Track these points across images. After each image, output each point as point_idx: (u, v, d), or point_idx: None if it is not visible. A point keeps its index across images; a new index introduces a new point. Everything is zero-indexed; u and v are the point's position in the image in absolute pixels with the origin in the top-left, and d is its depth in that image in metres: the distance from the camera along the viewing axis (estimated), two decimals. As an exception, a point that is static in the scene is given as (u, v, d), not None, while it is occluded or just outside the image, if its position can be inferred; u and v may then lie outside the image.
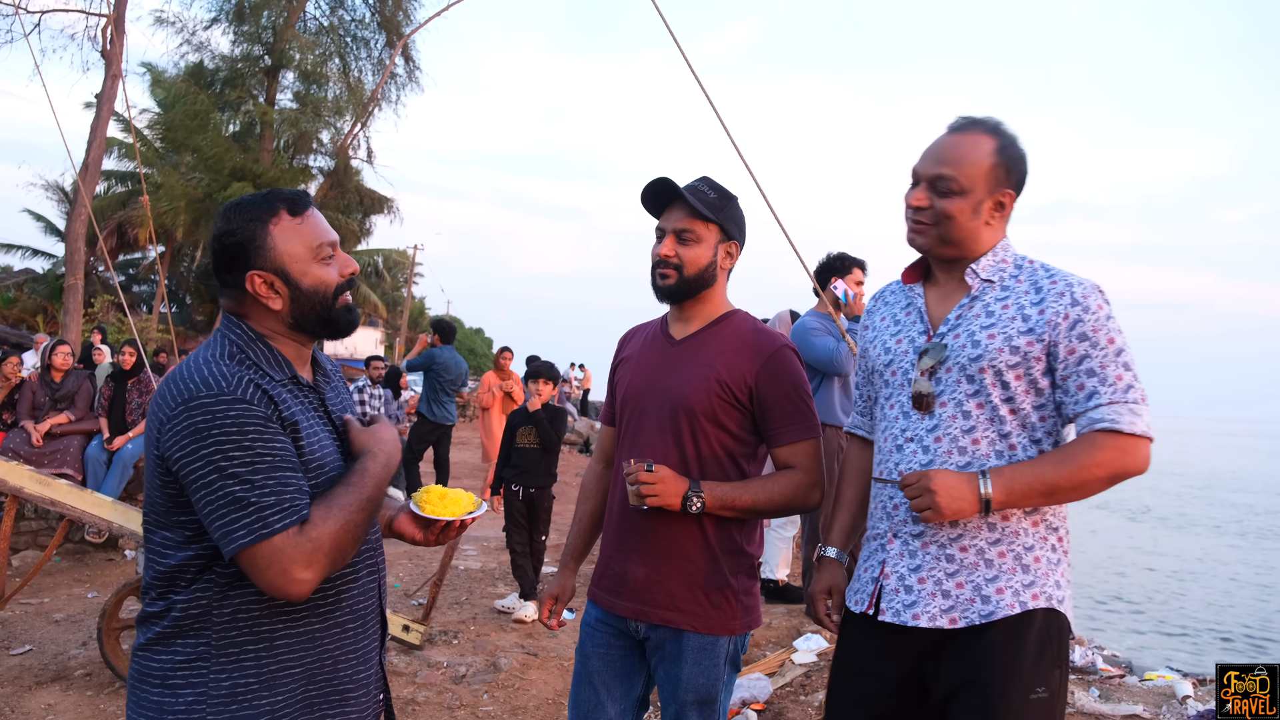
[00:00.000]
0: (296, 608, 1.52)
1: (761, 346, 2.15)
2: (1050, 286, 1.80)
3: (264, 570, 1.37)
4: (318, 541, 1.40)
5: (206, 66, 19.86)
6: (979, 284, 1.87)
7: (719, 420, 2.12)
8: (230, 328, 1.56)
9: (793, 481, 2.12)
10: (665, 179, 2.17)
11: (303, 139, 20.45)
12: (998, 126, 1.85)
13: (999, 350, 1.78)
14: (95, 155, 12.60)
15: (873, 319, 2.09)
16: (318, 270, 1.57)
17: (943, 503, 1.72)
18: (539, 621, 2.38)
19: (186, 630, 1.46)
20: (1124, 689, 4.32)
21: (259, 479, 1.39)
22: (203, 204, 19.46)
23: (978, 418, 1.80)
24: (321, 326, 1.60)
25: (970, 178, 1.80)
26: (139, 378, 7.19)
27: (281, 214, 1.55)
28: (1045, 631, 1.77)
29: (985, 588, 1.78)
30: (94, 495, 4.33)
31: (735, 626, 2.14)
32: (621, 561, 2.18)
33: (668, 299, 2.23)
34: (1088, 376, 1.75)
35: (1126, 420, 1.71)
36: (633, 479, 2.06)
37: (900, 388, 1.92)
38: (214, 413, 1.39)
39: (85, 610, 5.29)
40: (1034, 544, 1.81)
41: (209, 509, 1.38)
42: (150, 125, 22.68)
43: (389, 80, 20.47)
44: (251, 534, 1.37)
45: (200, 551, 1.45)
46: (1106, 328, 1.76)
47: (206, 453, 1.38)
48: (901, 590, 1.84)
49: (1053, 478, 1.72)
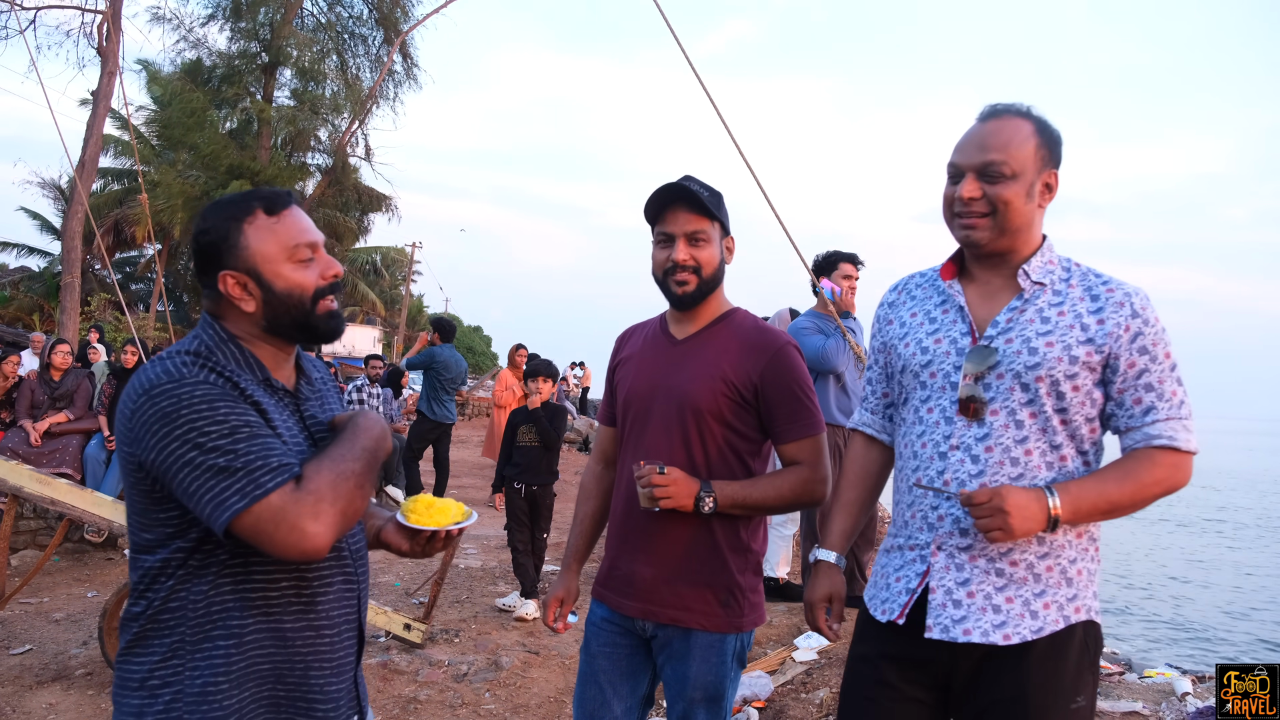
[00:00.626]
0: (270, 603, 1.49)
1: (765, 344, 2.17)
2: (1108, 295, 1.76)
3: (272, 532, 1.34)
4: (317, 493, 1.37)
5: (203, 63, 19.87)
6: (1031, 286, 1.80)
7: (725, 419, 2.14)
8: (204, 328, 1.53)
9: (800, 477, 2.15)
10: (674, 184, 2.15)
11: (300, 136, 20.47)
12: (1030, 110, 1.81)
13: (1058, 360, 1.73)
14: (92, 153, 12.62)
15: (898, 313, 1.99)
16: (292, 272, 1.52)
17: (1015, 524, 1.66)
18: (541, 621, 2.39)
19: (163, 626, 1.45)
20: (1123, 686, 4.35)
21: (241, 447, 1.36)
22: (200, 202, 19.48)
23: (1030, 428, 1.75)
24: (298, 331, 1.56)
25: (1020, 160, 1.75)
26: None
27: (257, 213, 1.51)
28: (1085, 643, 1.77)
29: (1034, 603, 1.75)
30: (93, 494, 4.37)
31: (742, 624, 2.16)
32: (629, 561, 2.20)
33: (688, 305, 2.21)
34: (1145, 391, 1.73)
35: (1183, 438, 1.72)
36: (645, 481, 2.06)
37: (941, 390, 1.83)
38: (178, 395, 1.37)
39: (85, 609, 5.33)
40: (1077, 556, 1.78)
41: (195, 486, 1.35)
42: (147, 123, 22.70)
43: (387, 77, 20.47)
44: (245, 497, 1.33)
45: (180, 547, 1.44)
46: (1164, 341, 1.74)
47: (180, 433, 1.35)
48: (950, 605, 1.77)
49: (1116, 495, 1.71)
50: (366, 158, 21.30)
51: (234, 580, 1.46)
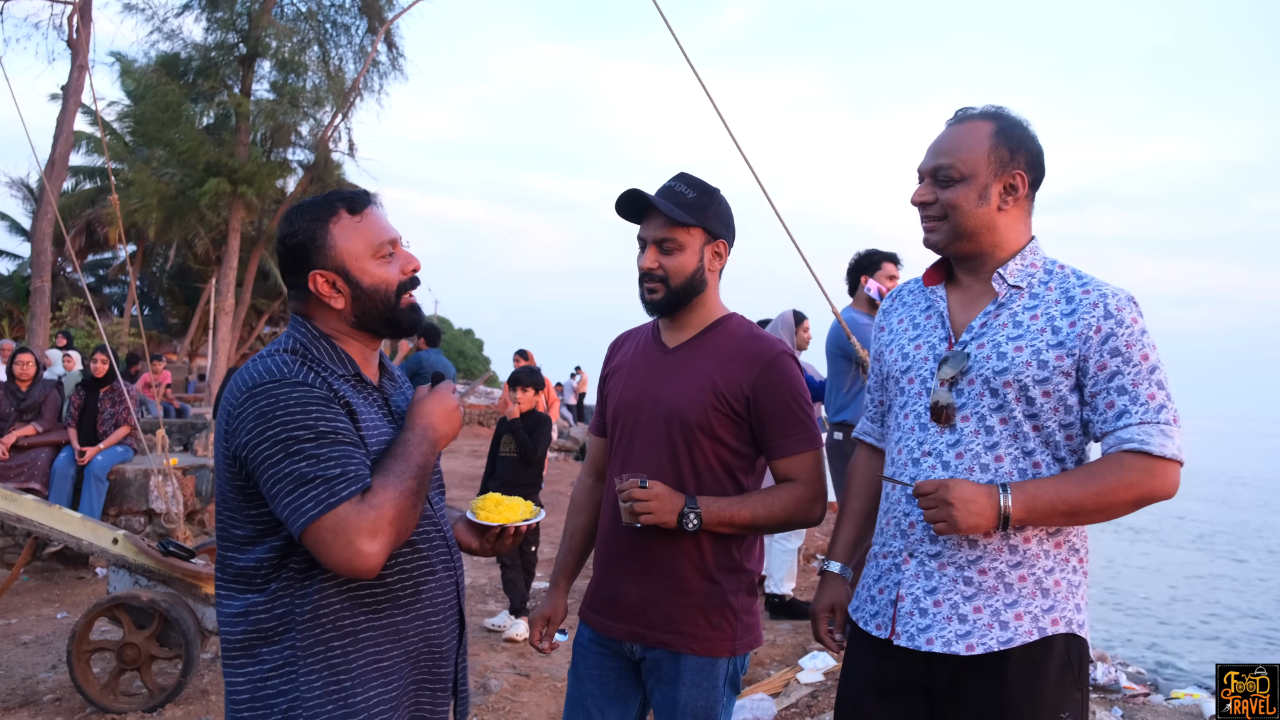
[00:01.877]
0: (377, 599, 1.59)
1: (759, 354, 2.15)
2: (1083, 296, 1.78)
3: (330, 544, 1.44)
4: (379, 509, 1.47)
5: (179, 56, 19.84)
6: (1006, 290, 1.84)
7: (715, 433, 2.12)
8: (295, 327, 1.67)
9: (793, 495, 2.13)
10: (635, 190, 2.15)
11: (281, 131, 20.43)
12: (997, 111, 1.85)
13: (1026, 364, 1.76)
14: (62, 150, 12.63)
15: (889, 320, 2.05)
16: (378, 268, 1.65)
17: (959, 516, 1.69)
18: (530, 643, 2.39)
19: (270, 635, 1.54)
20: (1149, 708, 4.34)
21: (324, 453, 1.47)
22: (175, 201, 19.46)
23: (1001, 434, 1.78)
24: (384, 325, 1.69)
25: (969, 162, 1.80)
26: (112, 386, 7.20)
27: (340, 213, 1.64)
28: (1065, 658, 1.77)
29: (1004, 613, 1.76)
30: (61, 510, 4.36)
31: (735, 647, 2.14)
32: (615, 582, 2.19)
33: (658, 313, 2.22)
34: (1118, 394, 1.73)
35: (1157, 442, 1.69)
36: (625, 496, 2.05)
37: (917, 396, 1.89)
38: (276, 396, 1.49)
39: (55, 631, 5.31)
40: (1054, 566, 1.79)
41: (276, 489, 1.46)
42: (120, 118, 22.69)
43: (371, 68, 20.46)
44: (320, 505, 1.44)
45: (275, 545, 1.54)
46: (1141, 342, 1.74)
47: (273, 433, 1.47)
48: (916, 613, 1.81)
49: (1077, 497, 1.70)
50: (350, 153, 21.29)
51: (337, 580, 1.55)
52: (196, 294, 28.09)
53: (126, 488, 7.13)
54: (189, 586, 4.22)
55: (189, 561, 4.27)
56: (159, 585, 4.22)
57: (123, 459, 7.15)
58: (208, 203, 18.85)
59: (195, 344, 28.45)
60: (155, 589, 4.19)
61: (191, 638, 4.03)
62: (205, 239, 22.00)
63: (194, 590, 4.21)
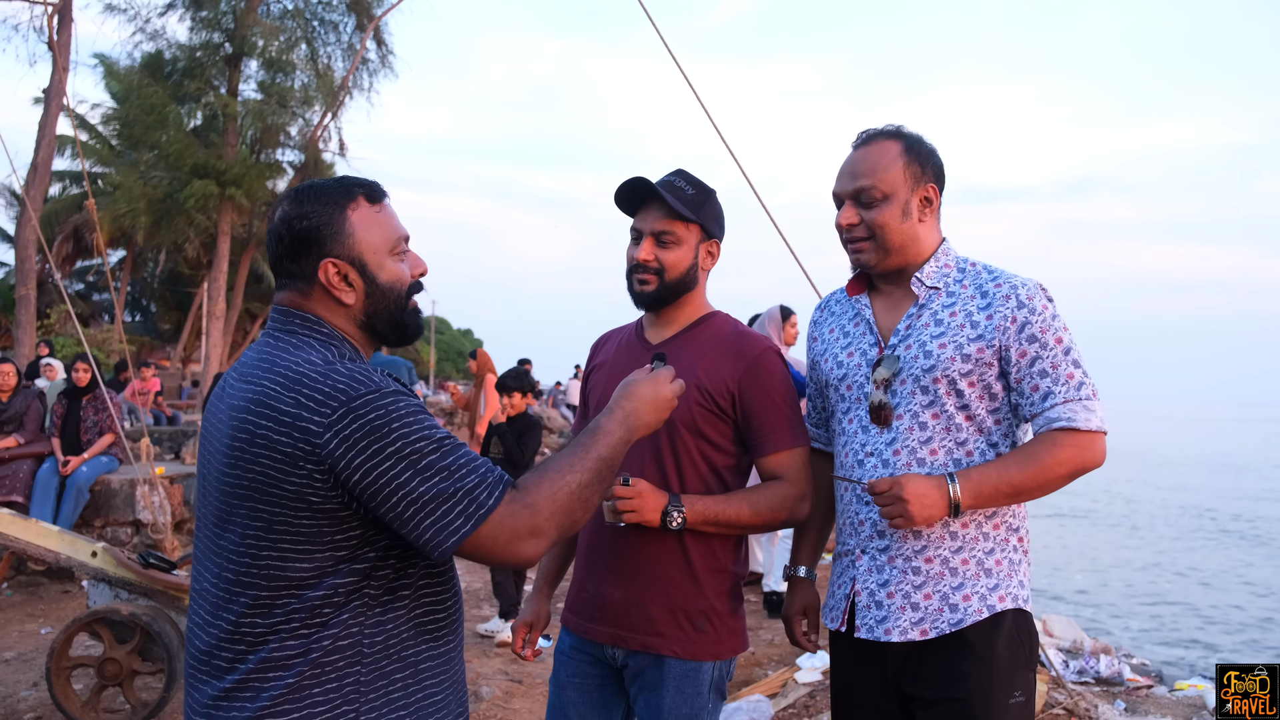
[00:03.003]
0: (439, 625, 1.52)
1: (744, 350, 2.14)
2: (995, 290, 1.93)
3: (490, 548, 1.38)
4: (533, 506, 1.41)
5: (163, 56, 19.79)
6: (925, 292, 1.99)
7: (700, 430, 2.11)
8: (310, 329, 1.50)
9: (780, 493, 2.11)
10: (640, 179, 2.15)
11: (269, 132, 20.36)
12: (899, 130, 2.01)
13: (951, 359, 1.91)
14: (45, 155, 12.58)
15: (820, 330, 2.19)
16: (394, 265, 1.55)
17: (914, 511, 1.83)
18: (513, 650, 2.37)
19: (330, 670, 1.39)
20: (1151, 700, 4.31)
21: (451, 462, 1.37)
22: (163, 205, 19.41)
23: (934, 428, 1.93)
24: (391, 329, 1.58)
25: (888, 182, 1.95)
26: (94, 394, 7.18)
27: (360, 200, 1.53)
28: (1015, 633, 1.92)
29: (952, 596, 1.91)
30: (39, 525, 4.33)
31: (720, 651, 2.12)
32: (596, 584, 2.17)
33: (646, 306, 2.21)
34: (1040, 377, 1.88)
35: (1082, 418, 1.85)
36: (607, 494, 2.02)
37: (857, 401, 2.03)
38: (384, 407, 1.36)
39: (38, 648, 5.29)
40: (994, 547, 1.95)
41: (411, 511, 1.35)
42: (105, 120, 22.64)
43: (360, 66, 20.40)
44: (471, 520, 1.36)
45: (354, 569, 1.40)
46: (1053, 327, 1.89)
47: (394, 450, 1.34)
48: (873, 606, 1.96)
49: (1017, 478, 1.86)
50: (341, 152, 21.25)
51: (408, 607, 1.47)
52: (188, 299, 28.09)
53: (112, 498, 7.10)
54: (171, 599, 4.19)
55: (171, 573, 4.24)
56: (140, 598, 4.19)
57: (107, 469, 7.13)
58: (195, 205, 18.81)
59: (188, 350, 28.46)
60: (136, 602, 4.16)
61: (174, 651, 4.00)
62: (195, 243, 21.95)
63: (177, 603, 4.19)
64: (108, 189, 22.44)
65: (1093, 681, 4.58)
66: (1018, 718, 1.89)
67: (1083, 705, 4.06)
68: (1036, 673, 1.97)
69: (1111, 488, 24.67)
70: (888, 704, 1.98)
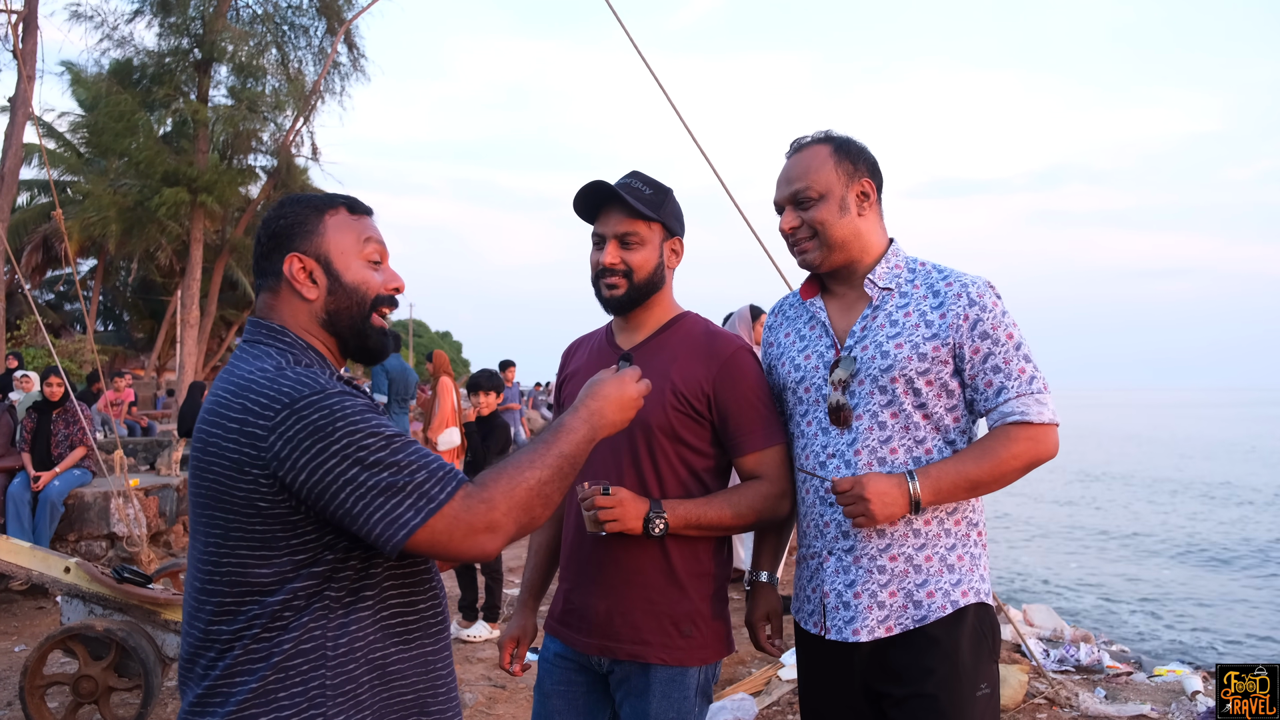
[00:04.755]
0: (409, 628, 1.50)
1: (716, 351, 2.14)
2: (947, 289, 1.99)
3: (447, 542, 1.37)
4: (489, 501, 1.40)
5: (131, 63, 19.57)
6: (878, 293, 2.04)
7: (677, 434, 2.10)
8: (273, 336, 1.52)
9: (759, 492, 2.10)
10: (599, 182, 2.14)
11: (241, 137, 20.21)
12: (828, 134, 2.09)
13: (908, 359, 1.95)
14: (11, 165, 12.46)
15: (776, 335, 2.23)
16: (362, 268, 1.58)
17: (875, 509, 1.87)
18: (501, 666, 2.35)
19: (293, 675, 1.39)
20: (1131, 687, 4.35)
21: (401, 459, 1.37)
22: (134, 213, 19.23)
23: (893, 427, 1.97)
24: (353, 334, 1.59)
25: (822, 181, 2.02)
26: (65, 408, 7.09)
27: (340, 209, 1.59)
28: (978, 627, 1.97)
29: (916, 593, 1.95)
30: (10, 541, 4.28)
31: (706, 655, 2.12)
32: (582, 595, 2.15)
33: (617, 310, 2.20)
34: (994, 373, 1.94)
35: (1035, 411, 1.91)
36: (589, 504, 2.02)
37: (816, 404, 2.06)
38: (328, 407, 1.36)
39: (12, 666, 5.21)
40: (956, 543, 1.99)
41: (360, 505, 1.35)
42: (73, 128, 22.39)
43: (332, 70, 20.26)
44: (421, 513, 1.36)
45: (313, 572, 1.41)
46: (1004, 323, 1.95)
47: (339, 448, 1.35)
48: (841, 608, 2.00)
49: (975, 472, 1.91)
50: (314, 157, 21.11)
51: (373, 609, 1.46)
52: (162, 307, 27.82)
53: (86, 511, 7.02)
54: (147, 613, 4.14)
55: (146, 587, 4.19)
56: (116, 613, 4.14)
57: (80, 482, 7.05)
58: (166, 213, 18.64)
59: (163, 359, 28.18)
60: (112, 617, 4.11)
61: (151, 667, 3.96)
62: (167, 250, 21.74)
63: (153, 617, 4.14)
64: (77, 197, 22.17)
65: (1073, 670, 4.62)
66: (984, 709, 1.93)
67: (1064, 694, 4.10)
68: (998, 663, 2.01)
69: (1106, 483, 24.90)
70: (857, 703, 2.01)
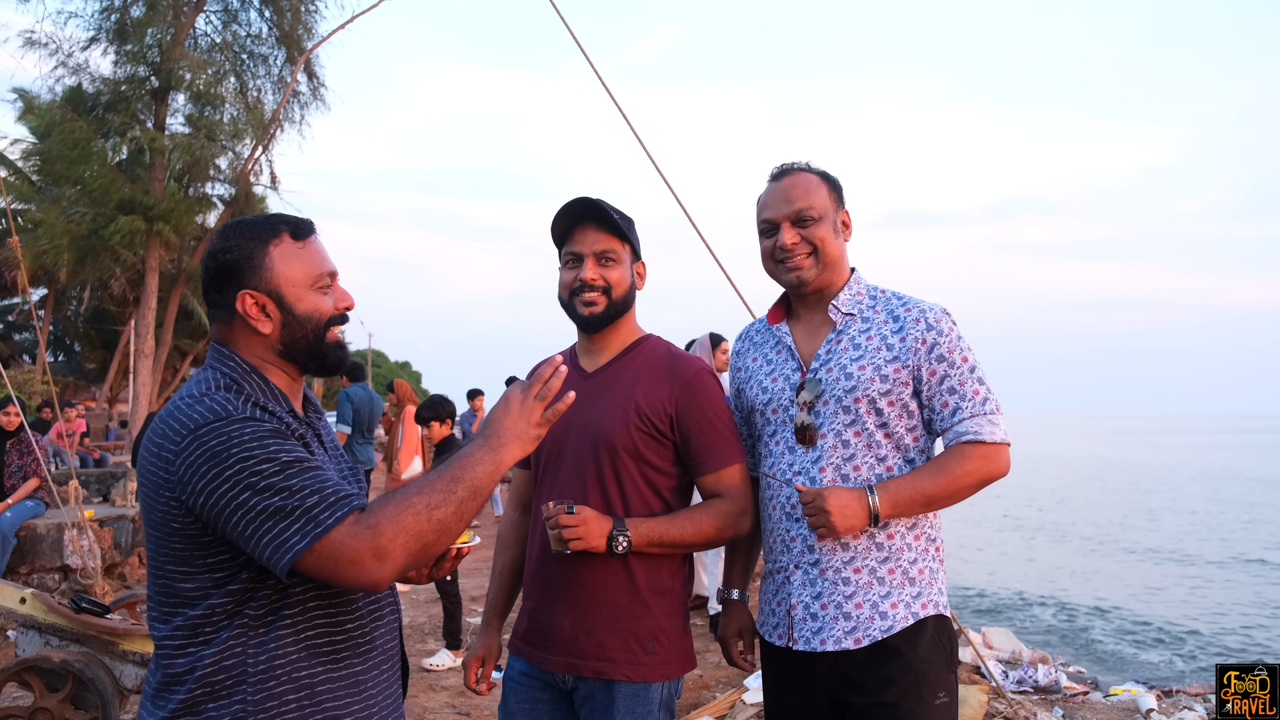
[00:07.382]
0: (337, 648, 1.52)
1: (678, 372, 2.18)
2: (906, 314, 2.11)
3: (334, 568, 1.38)
4: (376, 528, 1.39)
5: (86, 90, 19.33)
6: (841, 318, 2.16)
7: (641, 454, 2.14)
8: (220, 360, 1.58)
9: (721, 510, 2.15)
10: (585, 198, 2.19)
11: (198, 166, 19.97)
12: (809, 165, 2.21)
13: (870, 380, 2.06)
14: (-39, 193, 12.20)
15: (743, 360, 2.34)
16: (313, 297, 1.61)
17: (836, 521, 1.97)
18: (466, 685, 2.36)
19: (218, 690, 1.44)
20: (1088, 707, 4.44)
21: (294, 484, 1.40)
22: (87, 241, 18.87)
23: (856, 445, 2.08)
24: (310, 358, 1.64)
25: (821, 204, 2.15)
26: (19, 438, 6.95)
27: (283, 236, 1.60)
28: (937, 638, 2.06)
29: (881, 604, 2.05)
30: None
31: (669, 671, 2.15)
32: (547, 613, 2.18)
33: (594, 327, 2.23)
34: (949, 394, 2.06)
35: (987, 431, 2.03)
36: (553, 523, 2.05)
37: (783, 424, 2.16)
38: (228, 434, 1.41)
39: (-39, 701, 5.07)
40: (917, 557, 2.10)
41: (251, 528, 1.38)
42: (25, 156, 21.99)
43: (291, 99, 20.18)
44: (306, 536, 1.37)
45: (230, 590, 1.45)
46: (959, 347, 2.07)
47: (232, 473, 1.39)
48: (809, 619, 2.08)
49: (930, 488, 2.02)
50: (273, 185, 20.93)
51: (295, 628, 1.48)
52: (115, 337, 27.30)
53: (39, 543, 6.88)
54: (105, 644, 4.08)
55: (104, 617, 4.13)
56: (73, 645, 4.07)
57: (33, 514, 6.90)
58: (121, 241, 18.34)
59: (115, 389, 27.61)
60: (68, 649, 4.04)
61: (109, 698, 3.89)
62: (121, 279, 21.38)
63: (110, 648, 4.07)
64: (28, 225, 21.76)
65: (1031, 690, 4.70)
66: (943, 717, 2.02)
67: (1022, 713, 4.17)
68: (957, 673, 2.09)
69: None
70: (821, 714, 2.08)
